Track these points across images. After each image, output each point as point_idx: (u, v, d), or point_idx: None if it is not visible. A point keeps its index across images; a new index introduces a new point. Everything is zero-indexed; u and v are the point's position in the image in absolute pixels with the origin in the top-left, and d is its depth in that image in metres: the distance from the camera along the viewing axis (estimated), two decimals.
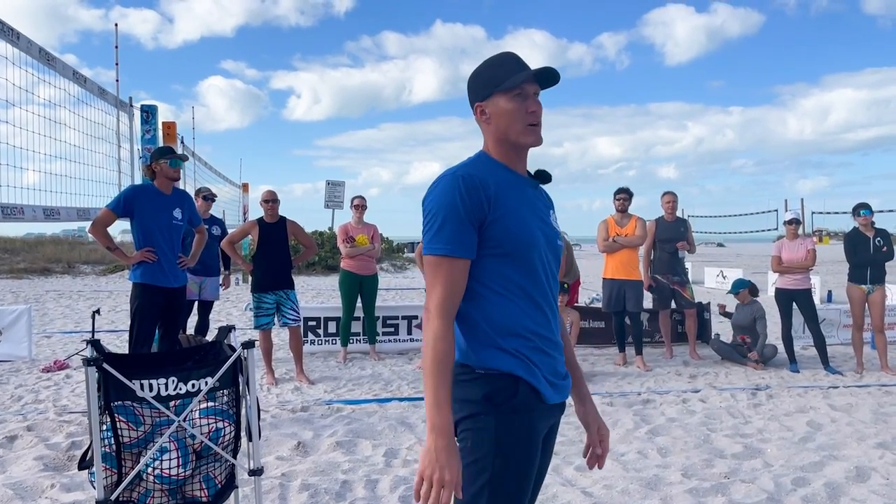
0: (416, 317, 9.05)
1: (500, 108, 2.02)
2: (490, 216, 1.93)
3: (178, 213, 5.60)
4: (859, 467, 4.51)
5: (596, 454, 2.20)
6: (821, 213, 37.37)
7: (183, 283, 5.69)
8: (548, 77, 2.05)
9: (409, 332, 9.08)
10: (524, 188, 2.05)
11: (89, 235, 5.79)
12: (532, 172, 2.15)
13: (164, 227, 5.49)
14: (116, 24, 7.84)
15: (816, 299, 12.37)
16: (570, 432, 5.28)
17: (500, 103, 2.02)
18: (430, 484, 1.78)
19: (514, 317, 1.97)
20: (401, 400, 6.27)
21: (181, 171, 5.63)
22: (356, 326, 8.61)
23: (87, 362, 2.93)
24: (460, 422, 1.96)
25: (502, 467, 1.90)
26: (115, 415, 2.98)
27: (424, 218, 1.97)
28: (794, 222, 7.99)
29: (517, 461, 1.93)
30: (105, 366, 2.92)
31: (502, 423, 1.91)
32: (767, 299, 8.91)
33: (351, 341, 8.52)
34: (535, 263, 2.00)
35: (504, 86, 2.00)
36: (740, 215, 38.94)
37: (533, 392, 1.96)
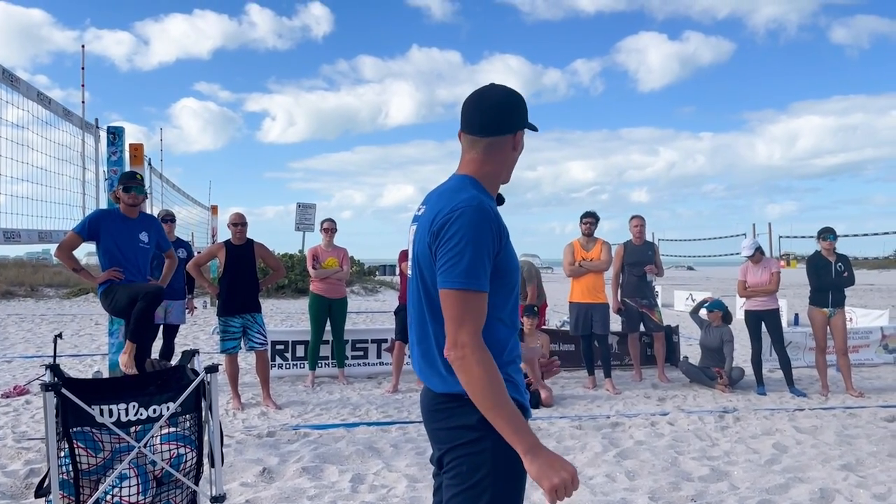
0: (385, 340, 9.00)
1: (522, 143, 2.11)
2: (501, 249, 1.94)
3: (144, 237, 5.58)
4: (824, 489, 4.54)
5: None
6: (788, 237, 37.94)
7: None
8: None
9: (379, 356, 9.02)
10: None
11: (54, 258, 5.74)
12: None
13: (129, 251, 5.49)
14: (83, 46, 7.78)
15: (783, 322, 12.54)
16: None
17: (523, 138, 2.11)
18: (565, 486, 1.81)
19: (505, 343, 2.01)
20: (369, 424, 6.22)
21: (141, 196, 5.62)
22: (325, 350, 8.54)
23: (45, 387, 2.87)
24: (452, 450, 1.96)
25: (503, 486, 1.92)
26: (74, 441, 2.92)
27: (448, 243, 1.88)
28: (757, 252, 8.07)
29: (515, 478, 1.95)
30: (64, 391, 2.87)
31: (500, 444, 1.91)
32: (737, 322, 8.99)
33: (319, 365, 8.45)
34: (516, 289, 2.05)
35: (530, 124, 2.10)
36: (710, 239, 39.35)
37: (522, 409, 2.00)
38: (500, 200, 2.16)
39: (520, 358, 2.08)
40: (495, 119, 2.02)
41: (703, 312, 8.62)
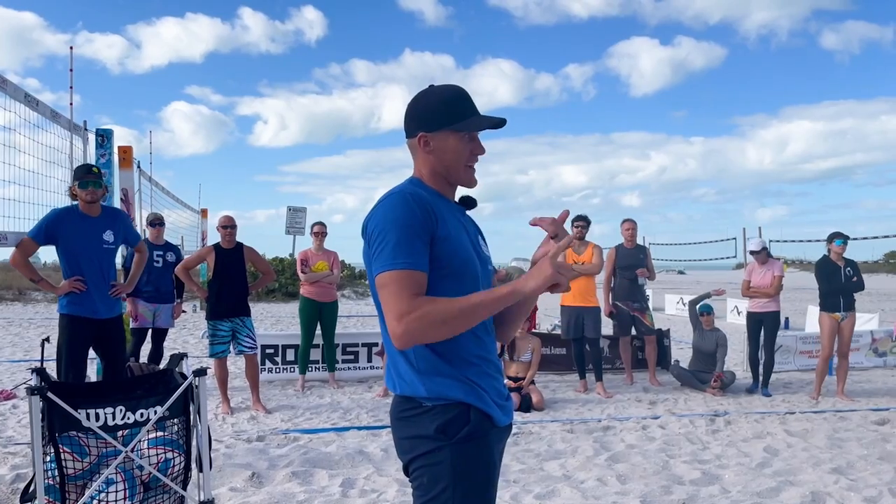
0: (376, 344, 8.96)
1: (448, 145, 2.01)
2: (437, 234, 1.90)
3: (108, 236, 5.13)
4: (815, 493, 4.54)
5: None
6: (779, 241, 37.92)
7: (117, 314, 5.31)
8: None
9: (370, 360, 8.98)
10: (456, 214, 2.06)
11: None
12: (458, 199, 2.14)
13: (91, 253, 5.04)
14: (71, 48, 7.73)
15: None
16: (529, 460, 5.25)
17: (448, 140, 2.00)
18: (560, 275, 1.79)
19: (461, 343, 1.94)
20: (359, 429, 6.18)
21: (100, 191, 5.08)
22: (315, 354, 8.49)
23: (31, 391, 2.84)
24: (413, 461, 1.93)
25: (463, 497, 1.87)
26: (60, 445, 2.88)
27: (373, 238, 1.88)
28: (764, 251, 8.16)
29: (478, 489, 1.90)
30: (50, 395, 2.83)
31: (458, 454, 1.88)
32: (726, 325, 9.02)
33: (310, 369, 8.40)
34: (477, 286, 1.98)
35: (458, 126, 2.00)
36: (701, 243, 39.24)
37: (485, 417, 1.95)
38: (470, 203, 2.13)
39: (485, 361, 1.99)
40: (404, 124, 2.07)
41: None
